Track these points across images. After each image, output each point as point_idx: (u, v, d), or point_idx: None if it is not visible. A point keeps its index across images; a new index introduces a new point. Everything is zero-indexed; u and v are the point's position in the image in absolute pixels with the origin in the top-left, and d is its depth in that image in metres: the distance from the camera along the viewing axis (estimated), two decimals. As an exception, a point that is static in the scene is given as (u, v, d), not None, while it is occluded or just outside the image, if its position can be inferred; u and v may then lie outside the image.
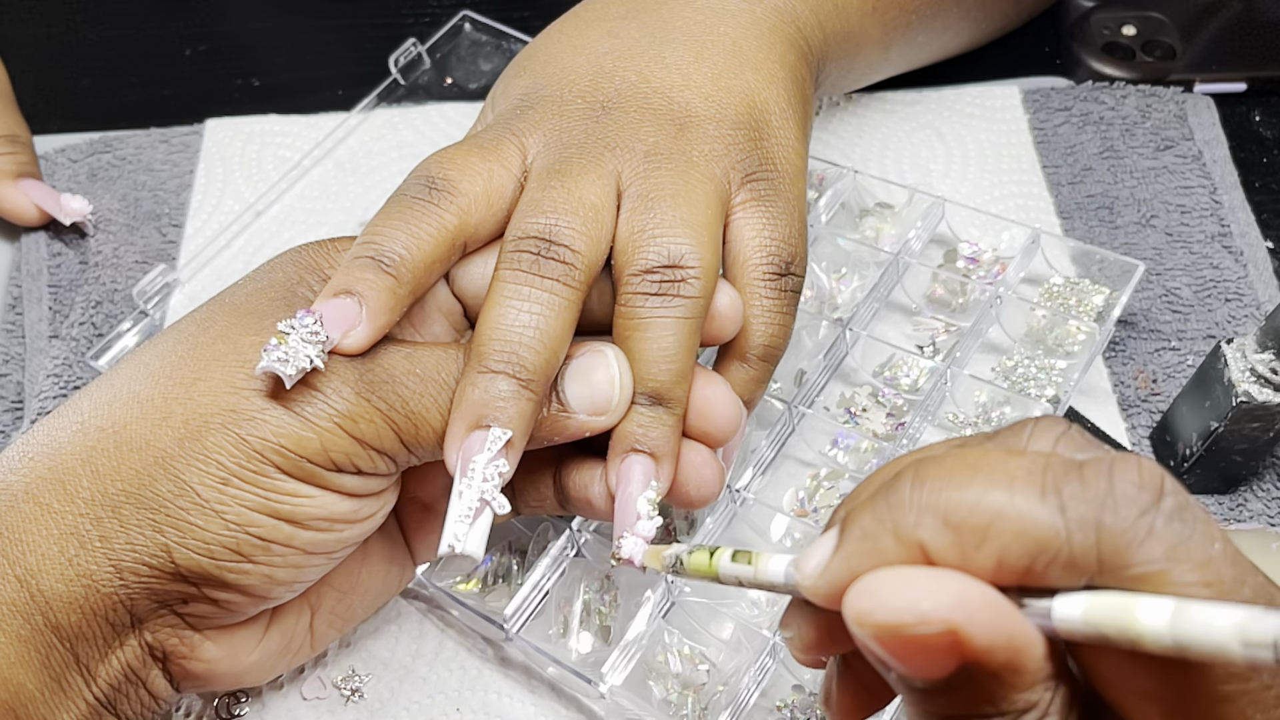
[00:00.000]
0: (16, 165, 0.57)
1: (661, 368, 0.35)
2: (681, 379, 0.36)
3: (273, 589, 0.34)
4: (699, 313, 0.36)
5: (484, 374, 0.33)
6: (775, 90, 0.42)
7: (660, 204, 0.37)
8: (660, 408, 0.35)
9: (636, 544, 0.34)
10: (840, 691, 0.28)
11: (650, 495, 0.35)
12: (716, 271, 0.37)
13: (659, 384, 0.35)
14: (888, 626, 0.21)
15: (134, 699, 0.34)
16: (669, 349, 0.35)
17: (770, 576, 0.27)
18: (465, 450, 0.33)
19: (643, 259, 0.36)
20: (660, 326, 0.35)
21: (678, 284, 0.36)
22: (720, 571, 0.29)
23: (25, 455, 0.34)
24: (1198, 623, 0.19)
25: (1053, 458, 0.23)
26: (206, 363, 0.34)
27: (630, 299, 0.36)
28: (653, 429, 0.35)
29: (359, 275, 0.34)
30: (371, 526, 0.35)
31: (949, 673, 0.21)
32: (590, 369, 0.35)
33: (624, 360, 0.35)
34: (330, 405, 0.32)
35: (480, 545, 0.32)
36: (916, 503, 0.23)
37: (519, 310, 0.34)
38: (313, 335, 0.32)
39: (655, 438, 0.35)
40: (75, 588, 0.32)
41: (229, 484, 0.32)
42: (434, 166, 0.37)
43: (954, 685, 0.22)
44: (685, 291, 0.36)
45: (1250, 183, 0.56)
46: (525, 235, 0.35)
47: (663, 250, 0.36)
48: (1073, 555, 0.21)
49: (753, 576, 0.28)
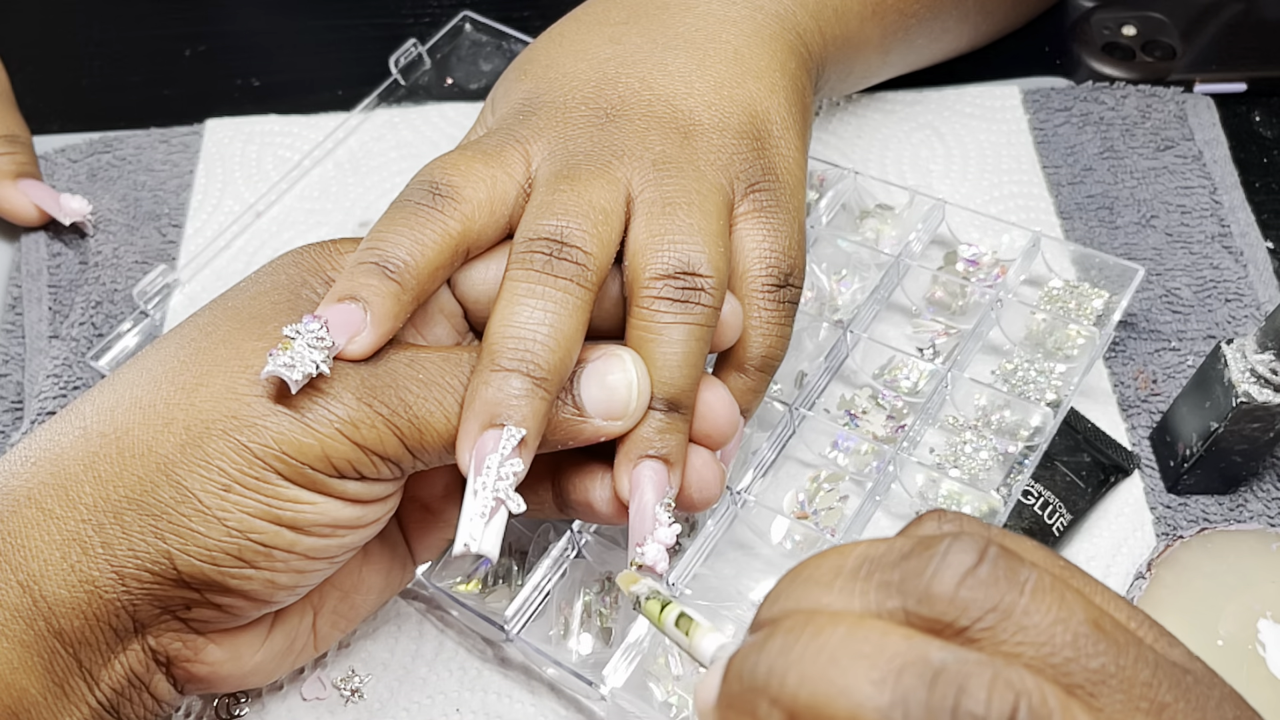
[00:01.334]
0: (16, 165, 0.57)
1: (680, 374, 0.35)
2: (695, 385, 0.36)
3: (275, 594, 0.34)
4: (713, 321, 0.36)
5: (497, 372, 0.33)
6: (777, 99, 0.42)
7: (677, 210, 0.37)
8: (675, 414, 0.36)
9: (660, 550, 0.34)
10: None
11: (667, 501, 0.35)
12: (727, 280, 0.37)
13: (677, 390, 0.35)
14: None
15: (137, 703, 0.34)
16: (687, 355, 0.35)
17: (698, 654, 0.28)
18: (479, 449, 0.33)
19: (661, 264, 0.36)
20: (679, 333, 0.35)
21: (697, 292, 0.36)
22: (665, 628, 0.30)
23: (28, 460, 0.34)
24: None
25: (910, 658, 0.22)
26: (209, 368, 0.33)
27: (651, 303, 0.36)
28: (668, 435, 0.35)
29: (363, 281, 0.34)
30: (374, 531, 0.35)
31: None
32: (607, 372, 0.35)
33: (641, 365, 0.35)
34: (332, 411, 0.32)
35: (496, 544, 0.32)
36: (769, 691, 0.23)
37: (532, 309, 0.34)
38: (318, 340, 0.32)
39: (670, 444, 0.35)
40: (78, 593, 0.32)
41: (231, 490, 0.32)
42: (437, 172, 0.37)
43: None
44: (704, 300, 0.36)
45: (1250, 183, 0.56)
46: (537, 236, 0.35)
47: (682, 256, 0.36)
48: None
49: (686, 645, 0.29)
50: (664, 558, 0.34)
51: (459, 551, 0.32)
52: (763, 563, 0.44)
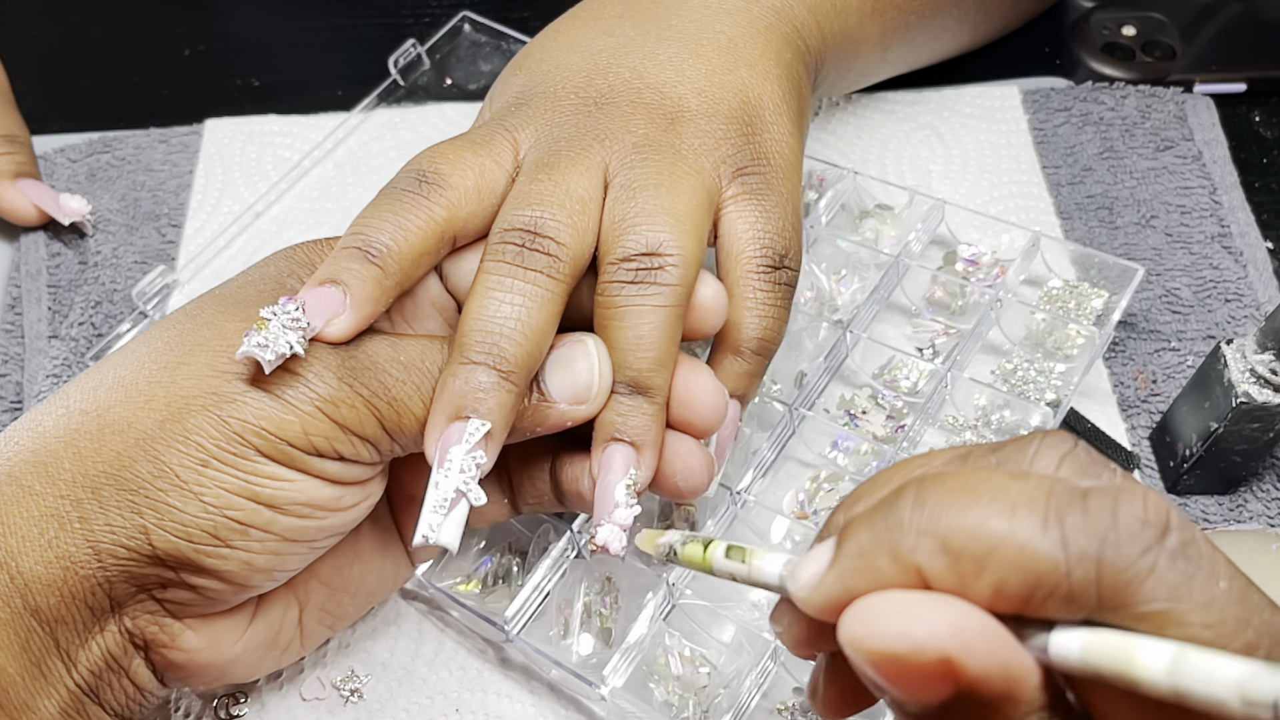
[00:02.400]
0: (15, 165, 0.57)
1: (638, 355, 0.35)
2: (660, 367, 0.36)
3: (252, 576, 0.34)
4: (677, 301, 0.36)
5: (465, 365, 0.33)
6: (770, 86, 0.42)
7: (642, 193, 0.37)
8: (639, 396, 0.36)
9: (613, 531, 0.34)
10: (828, 687, 0.28)
11: (628, 483, 0.35)
12: (698, 261, 0.37)
13: (635, 372, 0.35)
14: (882, 654, 0.21)
15: (117, 688, 0.34)
16: (645, 337, 0.35)
17: (764, 577, 0.27)
18: (444, 441, 0.33)
19: (621, 247, 0.36)
20: (636, 314, 0.35)
21: (655, 271, 0.36)
22: (714, 566, 0.29)
23: (11, 440, 0.34)
24: (1198, 672, 0.19)
25: (1057, 484, 0.22)
26: (191, 348, 0.34)
27: (607, 287, 0.36)
28: (632, 417, 0.35)
29: (344, 265, 0.34)
30: (355, 517, 0.35)
31: (942, 700, 0.21)
32: (571, 359, 0.35)
33: (604, 349, 0.35)
34: (312, 389, 0.32)
35: (455, 536, 0.32)
36: (916, 525, 0.23)
37: (501, 302, 0.34)
38: (294, 322, 0.32)
39: (635, 426, 0.35)
40: (54, 570, 0.32)
41: (208, 465, 0.32)
42: (425, 160, 0.37)
43: (947, 711, 0.22)
44: (662, 279, 0.36)
45: (1250, 183, 0.56)
46: (510, 227, 0.35)
47: (641, 238, 0.36)
48: (1072, 590, 0.21)
49: (746, 574, 0.28)
50: (619, 539, 0.34)
51: (418, 542, 0.32)
52: (762, 563, 0.44)
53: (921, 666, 0.21)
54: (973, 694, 0.21)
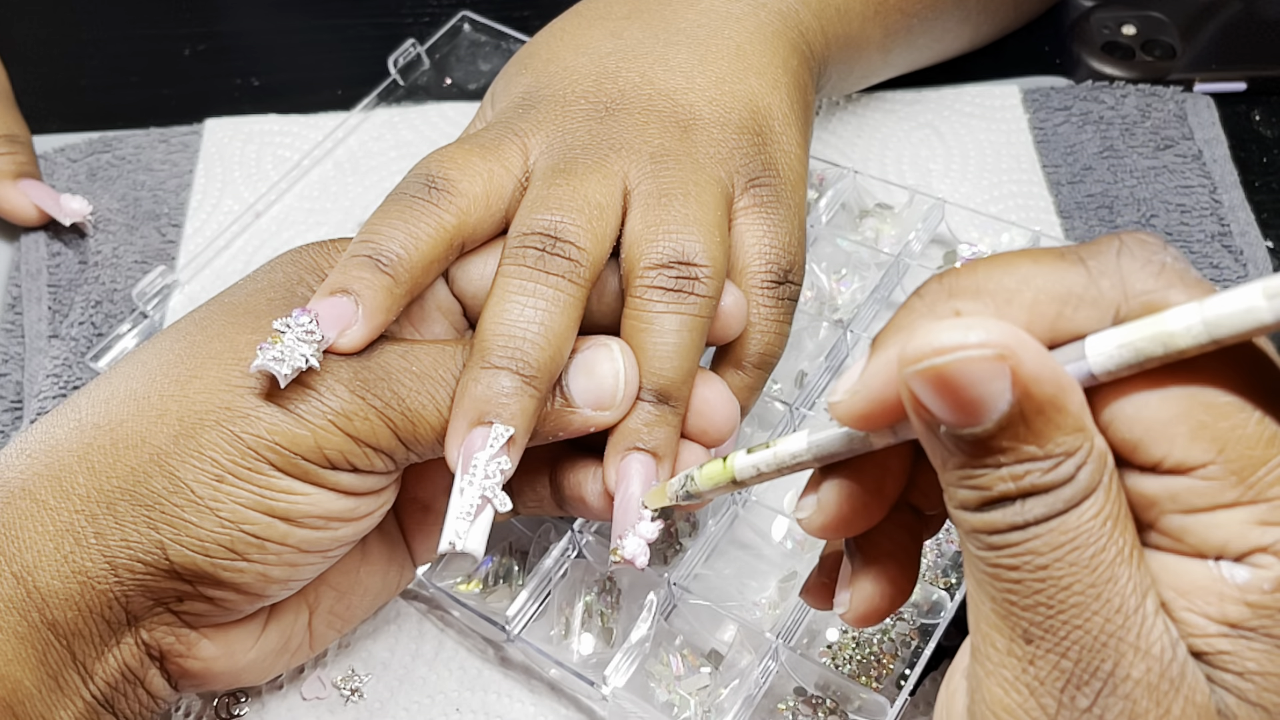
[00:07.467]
0: (16, 165, 0.57)
1: (671, 365, 0.35)
2: (688, 378, 0.36)
3: (268, 587, 0.34)
4: (709, 312, 0.36)
5: (487, 370, 0.33)
6: (779, 95, 0.42)
7: (673, 201, 0.37)
8: (665, 406, 0.35)
9: (639, 544, 0.34)
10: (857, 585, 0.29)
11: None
12: (725, 272, 0.37)
13: (667, 381, 0.35)
14: (942, 367, 0.22)
15: (132, 698, 0.34)
16: (680, 346, 0.35)
17: (791, 447, 0.28)
18: (467, 447, 0.32)
19: (656, 254, 0.36)
20: (672, 323, 0.35)
21: (692, 281, 0.35)
22: (737, 469, 0.29)
23: (23, 452, 0.34)
24: (1222, 302, 0.21)
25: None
26: (203, 361, 0.34)
27: (645, 293, 0.35)
28: (657, 428, 0.35)
29: (356, 274, 0.34)
30: (368, 526, 0.35)
31: (1001, 413, 0.22)
32: (595, 362, 0.35)
33: (630, 354, 0.35)
34: (325, 403, 0.32)
35: (481, 543, 0.32)
36: (948, 287, 0.25)
37: (523, 306, 0.34)
38: (308, 334, 0.32)
39: (659, 437, 0.35)
40: (71, 584, 0.32)
41: (224, 481, 0.32)
42: (434, 165, 0.37)
43: (1002, 428, 0.22)
44: (699, 290, 0.35)
45: (1250, 182, 0.56)
46: (530, 232, 0.35)
47: (677, 246, 0.36)
48: (1100, 293, 0.24)
49: (773, 459, 0.28)
50: (644, 552, 0.34)
51: (443, 549, 0.32)
52: (764, 562, 0.44)
53: (982, 366, 0.22)
54: (1028, 397, 0.22)
